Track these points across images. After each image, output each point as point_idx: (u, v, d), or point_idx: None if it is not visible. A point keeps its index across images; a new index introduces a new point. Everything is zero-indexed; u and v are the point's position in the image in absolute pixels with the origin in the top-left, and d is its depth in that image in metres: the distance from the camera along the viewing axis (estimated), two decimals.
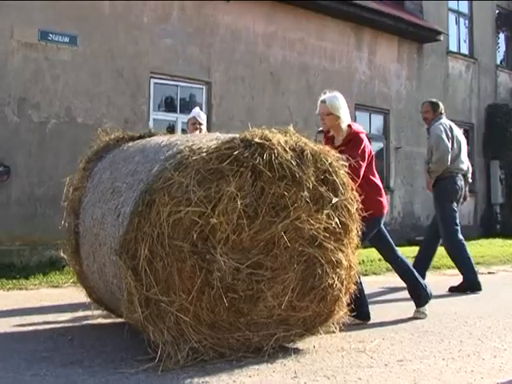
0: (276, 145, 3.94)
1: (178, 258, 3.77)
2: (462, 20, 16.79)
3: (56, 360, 3.96)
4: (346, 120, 5.13)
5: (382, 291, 7.11)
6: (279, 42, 11.78)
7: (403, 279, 5.74)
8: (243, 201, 3.85)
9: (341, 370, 3.80)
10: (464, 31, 16.84)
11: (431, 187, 7.24)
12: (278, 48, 11.78)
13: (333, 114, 5.09)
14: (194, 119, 6.61)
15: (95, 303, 5.10)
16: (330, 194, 4.13)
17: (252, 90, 11.33)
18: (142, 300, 3.68)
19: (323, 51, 12.61)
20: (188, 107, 10.53)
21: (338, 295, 4.26)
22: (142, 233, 3.69)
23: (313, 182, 4.04)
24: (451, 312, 5.77)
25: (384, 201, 5.27)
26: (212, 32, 10.72)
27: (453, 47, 16.20)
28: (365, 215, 4.32)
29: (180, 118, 10.34)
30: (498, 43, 18.17)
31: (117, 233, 4.02)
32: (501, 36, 18.33)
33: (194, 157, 3.81)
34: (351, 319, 4.77)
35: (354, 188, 4.27)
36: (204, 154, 3.82)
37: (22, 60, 8.58)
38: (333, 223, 4.13)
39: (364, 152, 5.00)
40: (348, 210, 4.21)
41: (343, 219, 4.19)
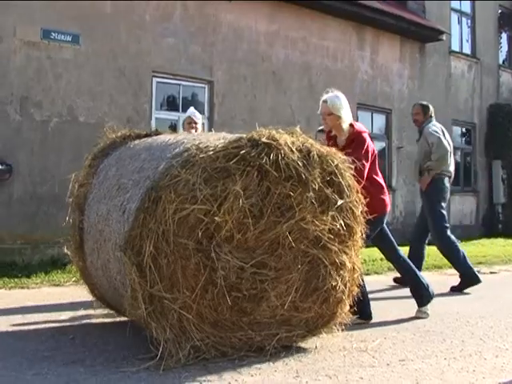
0: (283, 145, 3.95)
1: (183, 256, 3.77)
2: (465, 20, 16.79)
3: (58, 359, 3.96)
4: (348, 120, 5.12)
5: (384, 291, 7.11)
6: (281, 41, 11.77)
7: (405, 279, 5.75)
8: (249, 200, 3.86)
9: (343, 370, 3.80)
10: (466, 31, 16.84)
11: (425, 186, 7.31)
12: (280, 47, 11.77)
13: (334, 114, 5.08)
14: (190, 119, 6.68)
15: (97, 300, 5.10)
16: (336, 196, 4.14)
17: (254, 89, 11.33)
18: (146, 296, 3.69)
19: (325, 50, 12.60)
20: (190, 106, 10.53)
21: (341, 297, 4.26)
22: (148, 229, 3.69)
23: (318, 184, 4.05)
24: (453, 312, 5.77)
25: (387, 199, 5.28)
26: (214, 31, 10.71)
27: (455, 47, 16.19)
28: (369, 217, 4.34)
29: (182, 117, 10.21)
30: (501, 43, 18.15)
31: (122, 229, 4.03)
32: (503, 36, 18.31)
33: (201, 155, 3.81)
34: (353, 319, 4.77)
35: (359, 188, 4.28)
36: (211, 153, 3.83)
37: (25, 59, 8.58)
38: (337, 225, 4.13)
39: (367, 152, 5.01)
40: (353, 213, 4.22)
41: (348, 221, 4.19)
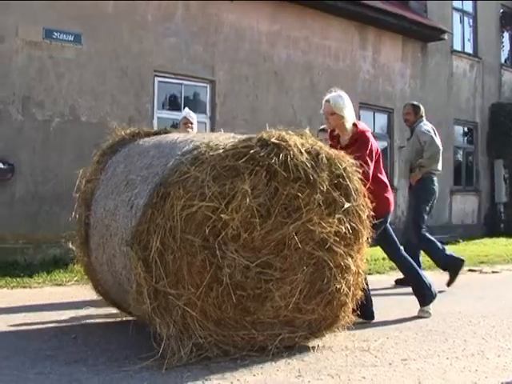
0: (292, 146, 3.96)
1: (189, 252, 3.78)
2: (467, 19, 16.76)
3: (60, 358, 3.97)
4: (351, 119, 5.12)
5: (386, 290, 7.11)
6: (283, 41, 11.76)
7: (407, 278, 5.75)
8: (257, 199, 3.87)
9: (345, 369, 3.80)
10: (468, 30, 16.81)
11: (415, 181, 7.40)
12: (282, 47, 11.75)
13: (336, 114, 5.08)
14: (186, 119, 6.71)
15: (100, 296, 5.11)
16: (343, 199, 4.15)
17: (256, 89, 11.32)
18: (151, 292, 3.69)
19: (327, 50, 12.59)
20: (192, 106, 10.54)
21: (345, 300, 4.27)
22: (155, 225, 3.70)
23: (326, 186, 4.06)
24: (455, 311, 5.77)
25: (391, 198, 5.30)
26: (216, 31, 10.70)
27: (457, 46, 16.16)
28: (375, 221, 4.35)
29: None
30: (503, 42, 18.14)
31: (129, 224, 4.04)
32: (505, 35, 18.29)
33: (211, 153, 3.83)
34: (355, 318, 4.76)
35: (365, 191, 4.29)
36: (221, 151, 3.85)
37: (27, 58, 8.58)
38: (343, 228, 4.14)
39: (372, 151, 5.03)
40: (359, 216, 4.23)
41: (354, 225, 4.21)
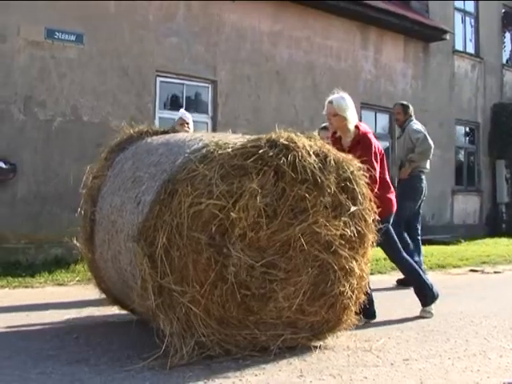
0: (301, 148, 3.97)
1: (195, 250, 3.79)
2: (468, 19, 16.75)
3: (62, 358, 3.97)
4: (353, 121, 5.14)
5: (388, 290, 7.10)
6: (285, 41, 11.75)
7: (409, 280, 5.74)
8: (264, 199, 3.88)
9: (347, 369, 3.80)
10: (470, 30, 16.79)
11: (405, 175, 7.51)
12: (284, 47, 11.75)
13: (339, 115, 5.09)
14: (182, 120, 6.79)
15: (103, 293, 5.11)
16: (349, 203, 4.16)
17: (258, 89, 11.32)
18: (156, 288, 3.70)
19: (329, 50, 12.58)
20: (194, 106, 10.56)
21: (348, 303, 4.27)
22: (162, 221, 3.71)
23: (333, 189, 4.08)
24: (457, 311, 5.77)
25: (393, 198, 5.31)
26: (218, 31, 10.70)
27: (459, 46, 16.16)
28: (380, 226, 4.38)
29: None
30: (504, 42, 18.12)
31: (135, 220, 4.04)
32: (507, 35, 18.27)
33: (220, 151, 3.84)
34: (357, 318, 4.75)
35: (371, 195, 4.30)
36: (229, 150, 3.86)
37: (29, 58, 8.58)
38: (349, 231, 4.15)
39: (376, 153, 5.03)
40: (365, 220, 4.24)
41: (359, 228, 4.21)
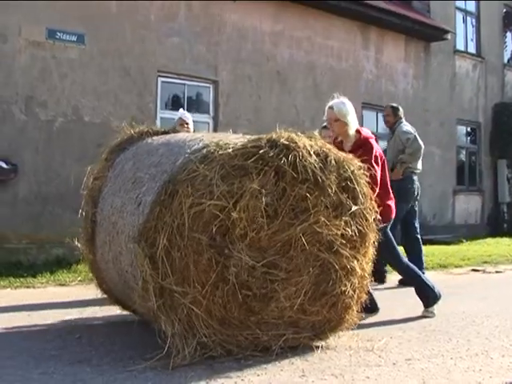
0: (301, 148, 3.97)
1: (196, 250, 3.78)
2: (470, 19, 16.74)
3: (64, 358, 3.97)
4: (354, 126, 5.16)
5: (389, 290, 7.10)
6: (286, 41, 11.75)
7: (411, 284, 5.72)
8: (264, 199, 3.87)
9: (349, 369, 3.80)
10: (471, 30, 16.78)
11: (396, 178, 7.43)
12: (285, 47, 11.75)
13: (340, 120, 5.11)
14: (181, 120, 6.81)
15: (105, 294, 5.11)
16: (350, 202, 4.16)
17: (259, 89, 11.31)
18: (157, 289, 3.69)
19: (330, 50, 12.58)
20: (195, 106, 10.56)
21: (350, 303, 4.27)
22: (163, 222, 3.71)
23: (334, 188, 4.07)
24: (459, 311, 5.76)
25: (393, 206, 5.30)
26: (219, 31, 10.70)
27: (460, 46, 16.15)
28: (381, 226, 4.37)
29: None
30: (506, 42, 18.10)
31: (136, 221, 4.04)
32: (508, 35, 18.25)
33: (220, 152, 3.84)
34: (359, 315, 4.72)
35: (372, 194, 4.29)
36: (230, 150, 3.86)
37: (30, 58, 8.58)
38: (350, 231, 4.15)
39: (377, 158, 5.04)
40: (366, 220, 4.24)
41: (360, 228, 4.21)
